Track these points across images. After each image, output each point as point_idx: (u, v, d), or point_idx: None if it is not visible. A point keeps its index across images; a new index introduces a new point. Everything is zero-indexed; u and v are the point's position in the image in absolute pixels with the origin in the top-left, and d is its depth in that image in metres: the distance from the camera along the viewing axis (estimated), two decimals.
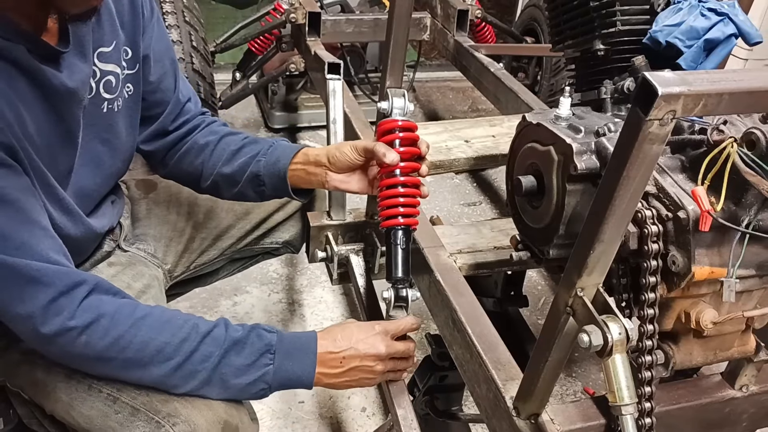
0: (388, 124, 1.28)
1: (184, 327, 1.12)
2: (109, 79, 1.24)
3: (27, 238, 1.03)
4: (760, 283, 1.06)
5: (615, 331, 0.85)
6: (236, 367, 1.13)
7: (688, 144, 1.07)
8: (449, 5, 2.91)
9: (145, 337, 1.09)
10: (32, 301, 1.03)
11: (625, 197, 0.77)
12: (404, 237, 1.27)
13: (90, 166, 1.26)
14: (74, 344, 1.06)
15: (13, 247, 1.01)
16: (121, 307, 1.10)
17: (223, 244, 1.63)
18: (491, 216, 3.07)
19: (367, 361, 1.21)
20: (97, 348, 1.07)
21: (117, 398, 1.14)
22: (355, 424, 1.99)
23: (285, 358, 1.16)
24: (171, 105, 1.42)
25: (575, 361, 2.27)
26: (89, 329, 1.06)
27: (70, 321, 1.04)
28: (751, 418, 1.24)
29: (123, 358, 1.08)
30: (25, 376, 1.22)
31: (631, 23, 1.27)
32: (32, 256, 1.03)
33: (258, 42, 3.09)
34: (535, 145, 1.19)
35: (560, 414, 1.08)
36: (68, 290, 1.05)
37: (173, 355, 1.10)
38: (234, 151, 1.42)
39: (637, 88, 0.70)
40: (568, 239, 1.15)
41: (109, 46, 1.23)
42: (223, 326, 1.15)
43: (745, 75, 0.74)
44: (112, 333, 1.07)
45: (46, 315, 1.03)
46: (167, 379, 1.11)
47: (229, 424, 1.15)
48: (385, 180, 1.28)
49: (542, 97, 3.20)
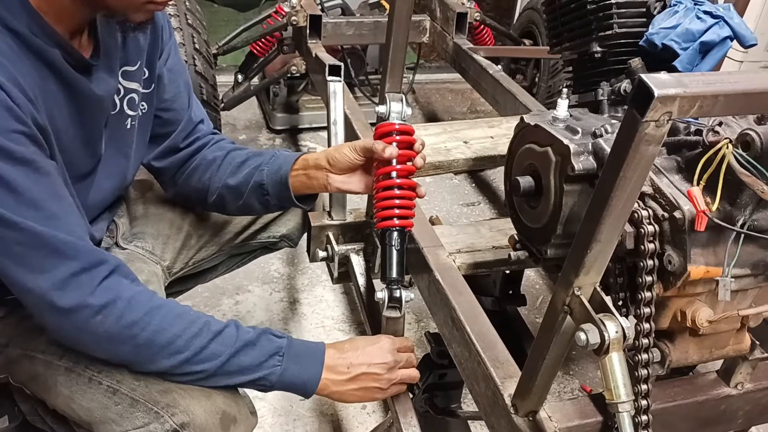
0: (386, 127, 1.29)
1: (196, 323, 1.13)
2: (132, 96, 1.30)
3: (57, 210, 1.05)
4: (755, 282, 1.07)
5: (612, 330, 0.85)
6: (243, 366, 1.15)
7: (684, 145, 1.07)
8: (448, 8, 2.93)
9: (157, 327, 1.10)
10: (54, 273, 1.03)
11: (621, 197, 0.78)
12: (399, 238, 1.28)
13: (115, 179, 1.33)
14: (88, 322, 1.06)
15: (44, 217, 1.02)
16: (138, 293, 1.11)
17: (220, 240, 1.64)
18: (490, 216, 3.08)
19: (374, 369, 1.23)
20: (111, 330, 1.07)
21: (117, 390, 1.15)
22: (356, 421, 2.00)
23: (292, 363, 1.18)
24: (183, 123, 1.46)
25: (573, 359, 2.28)
26: (106, 309, 1.06)
27: (89, 298, 1.05)
28: (746, 415, 1.25)
29: (133, 344, 1.09)
30: (26, 372, 1.23)
31: (627, 26, 1.29)
32: (60, 228, 1.04)
33: (260, 44, 3.11)
34: (533, 146, 1.19)
35: (558, 411, 1.09)
36: (91, 267, 1.06)
37: (183, 349, 1.11)
38: (239, 164, 1.45)
39: (633, 90, 0.71)
40: (565, 239, 1.16)
41: (134, 66, 1.29)
42: (234, 327, 1.17)
43: (740, 77, 0.75)
44: (127, 317, 1.08)
45: (65, 288, 1.04)
46: (173, 370, 1.13)
47: (228, 414, 1.17)
48: (382, 182, 1.29)
49: (540, 98, 3.22)
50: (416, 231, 1.49)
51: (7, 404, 1.34)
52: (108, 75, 1.22)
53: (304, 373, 1.19)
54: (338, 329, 2.33)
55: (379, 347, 1.26)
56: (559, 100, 1.18)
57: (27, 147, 1.00)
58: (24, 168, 1.00)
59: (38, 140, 1.03)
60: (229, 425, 1.17)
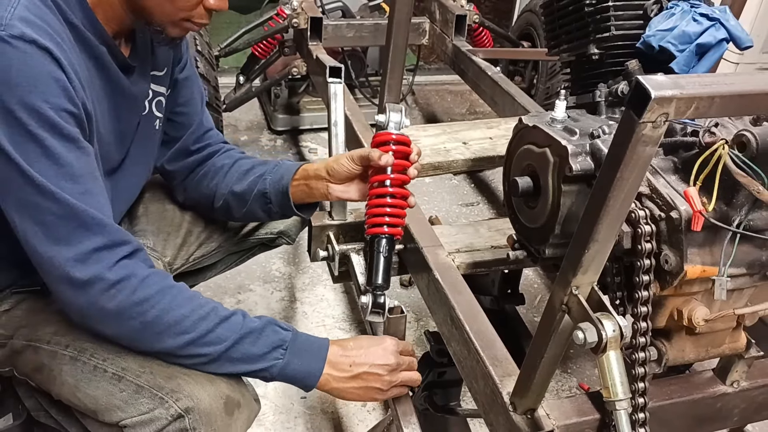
0: (383, 136, 1.33)
1: (205, 306, 1.16)
2: (159, 100, 1.38)
3: (92, 187, 1.10)
4: (751, 282, 1.08)
5: (609, 329, 0.86)
6: (247, 354, 1.17)
7: (681, 146, 1.08)
8: (448, 10, 2.94)
9: (167, 306, 1.12)
10: (78, 246, 1.07)
11: (619, 198, 0.78)
12: (387, 246, 1.31)
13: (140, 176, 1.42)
14: (101, 296, 1.08)
15: (79, 192, 1.07)
16: (153, 273, 1.14)
17: (219, 236, 1.67)
18: (489, 216, 3.08)
19: (375, 369, 1.24)
20: (121, 304, 1.09)
21: (122, 377, 1.16)
22: (356, 419, 2.01)
23: (295, 356, 1.19)
24: (194, 126, 1.52)
25: (570, 357, 2.29)
26: (120, 284, 1.09)
27: (106, 272, 1.08)
28: (741, 413, 1.26)
29: (142, 320, 1.11)
30: (31, 363, 1.24)
31: (624, 28, 1.29)
32: (92, 205, 1.09)
33: (261, 46, 3.12)
34: (532, 147, 1.20)
35: (556, 409, 1.10)
36: (113, 245, 1.10)
37: (189, 330, 1.13)
38: (245, 171, 1.50)
39: (630, 91, 0.71)
40: (563, 239, 1.16)
41: (161, 71, 1.37)
42: (241, 315, 1.19)
43: (735, 78, 0.75)
44: (139, 293, 1.10)
45: (86, 261, 1.07)
46: (177, 350, 1.14)
47: (232, 399, 1.18)
48: (375, 189, 1.32)
49: (538, 100, 3.23)
50: (416, 231, 1.51)
51: (10, 402, 1.35)
52: (142, 78, 1.31)
53: (306, 367, 1.20)
54: (339, 328, 2.35)
55: (383, 348, 1.27)
56: (557, 102, 1.19)
57: (74, 127, 1.07)
58: (69, 144, 1.06)
59: (83, 123, 1.10)
60: (233, 410, 1.19)
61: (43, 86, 1.03)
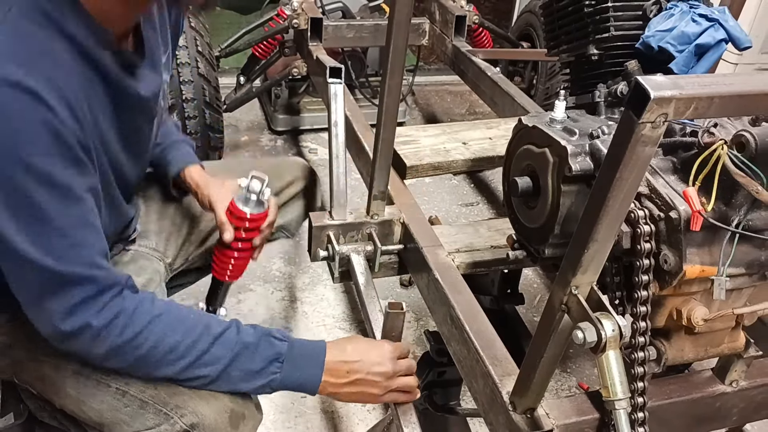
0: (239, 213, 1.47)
1: (197, 327, 1.13)
2: (163, 89, 1.34)
3: (81, 239, 1.04)
4: (750, 282, 1.08)
5: (608, 328, 0.86)
6: (244, 371, 1.15)
7: (680, 146, 1.09)
8: (447, 11, 2.94)
9: (160, 335, 1.10)
10: (63, 300, 1.04)
11: (618, 198, 0.78)
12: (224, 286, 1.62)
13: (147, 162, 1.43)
14: (92, 342, 1.07)
15: (68, 245, 1.02)
16: (141, 302, 1.11)
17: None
18: (488, 216, 3.09)
19: (372, 376, 1.22)
20: (113, 344, 1.08)
21: (126, 392, 1.16)
22: (356, 418, 2.01)
23: (293, 368, 1.18)
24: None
25: (570, 357, 2.29)
26: (108, 328, 1.06)
27: (93, 320, 1.05)
28: (740, 412, 1.26)
29: (137, 355, 1.10)
30: (33, 373, 1.24)
31: (624, 28, 1.30)
32: (80, 258, 1.04)
33: (261, 47, 3.12)
34: (531, 147, 1.20)
35: (555, 408, 1.10)
36: (101, 292, 1.06)
37: (185, 355, 1.11)
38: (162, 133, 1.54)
39: (630, 91, 0.72)
40: (563, 238, 1.17)
41: (164, 56, 1.32)
42: (235, 329, 1.16)
43: (734, 79, 0.76)
44: (129, 330, 1.08)
45: (73, 313, 1.04)
46: (177, 376, 1.13)
47: (236, 412, 1.18)
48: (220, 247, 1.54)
49: (538, 100, 3.23)
50: (416, 231, 1.51)
51: (12, 401, 1.35)
52: (152, 71, 1.23)
53: (305, 376, 1.19)
54: (339, 328, 2.35)
55: (380, 354, 1.24)
56: (556, 102, 1.19)
57: (67, 170, 0.99)
58: (59, 194, 0.99)
59: (80, 161, 1.02)
60: (238, 423, 1.19)
61: (29, 135, 0.94)
